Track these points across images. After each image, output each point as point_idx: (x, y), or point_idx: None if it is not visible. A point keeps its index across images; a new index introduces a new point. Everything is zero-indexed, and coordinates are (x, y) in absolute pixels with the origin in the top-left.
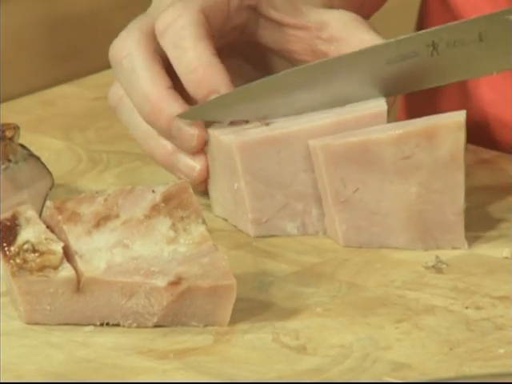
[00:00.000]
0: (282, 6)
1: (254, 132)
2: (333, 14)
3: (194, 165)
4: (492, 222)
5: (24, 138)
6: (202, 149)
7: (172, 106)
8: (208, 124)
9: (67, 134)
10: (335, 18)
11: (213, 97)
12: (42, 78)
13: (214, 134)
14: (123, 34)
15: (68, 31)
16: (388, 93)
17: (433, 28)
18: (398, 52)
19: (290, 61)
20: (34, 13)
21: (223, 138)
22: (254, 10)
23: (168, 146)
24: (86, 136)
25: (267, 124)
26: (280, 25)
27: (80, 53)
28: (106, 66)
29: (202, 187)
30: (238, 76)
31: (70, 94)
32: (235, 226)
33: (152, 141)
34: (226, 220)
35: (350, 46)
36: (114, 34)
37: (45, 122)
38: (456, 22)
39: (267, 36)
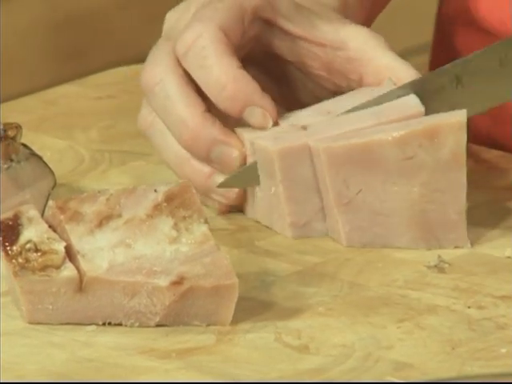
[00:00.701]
0: (298, 20)
1: (292, 137)
2: (349, 31)
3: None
4: (494, 221)
5: (26, 138)
6: None
7: (210, 130)
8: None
9: (69, 133)
10: (352, 37)
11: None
12: (44, 77)
13: (251, 138)
14: (151, 61)
15: (70, 31)
16: None
17: (454, 62)
18: (424, 87)
19: (306, 74)
20: (36, 13)
21: (262, 143)
22: (269, 22)
23: (204, 169)
24: (88, 135)
25: (304, 128)
26: (296, 38)
27: (82, 53)
28: (108, 65)
29: (238, 202)
30: None
31: (72, 94)
32: (236, 225)
33: (187, 165)
34: (228, 219)
35: (367, 68)
36: (115, 33)
37: (47, 122)
38: (476, 52)
39: (283, 47)
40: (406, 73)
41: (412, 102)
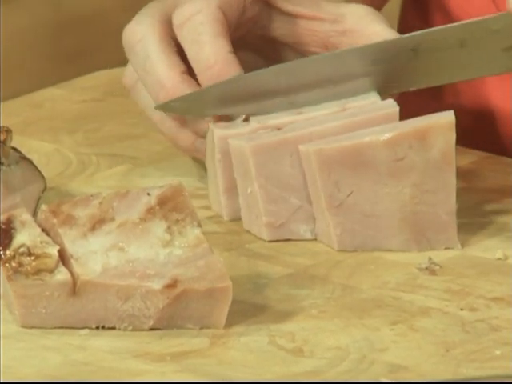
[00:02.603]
0: (299, 0)
1: (267, 135)
2: (349, 7)
3: None
4: (484, 223)
5: (12, 141)
6: None
7: (187, 92)
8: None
9: (55, 136)
10: (351, 12)
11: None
12: (46, 78)
13: (223, 137)
14: (136, 19)
15: (73, 32)
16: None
17: (414, 33)
18: (381, 54)
19: (302, 53)
20: (38, 14)
21: (236, 142)
22: (268, 3)
23: (188, 132)
24: (74, 139)
25: (279, 128)
26: (294, 17)
27: (85, 54)
28: (111, 67)
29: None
30: (249, 69)
31: (57, 97)
32: (226, 228)
33: (174, 128)
34: (218, 222)
35: (362, 37)
36: (119, 35)
37: (32, 125)
38: (437, 28)
39: (280, 29)
40: None
41: (387, 101)
